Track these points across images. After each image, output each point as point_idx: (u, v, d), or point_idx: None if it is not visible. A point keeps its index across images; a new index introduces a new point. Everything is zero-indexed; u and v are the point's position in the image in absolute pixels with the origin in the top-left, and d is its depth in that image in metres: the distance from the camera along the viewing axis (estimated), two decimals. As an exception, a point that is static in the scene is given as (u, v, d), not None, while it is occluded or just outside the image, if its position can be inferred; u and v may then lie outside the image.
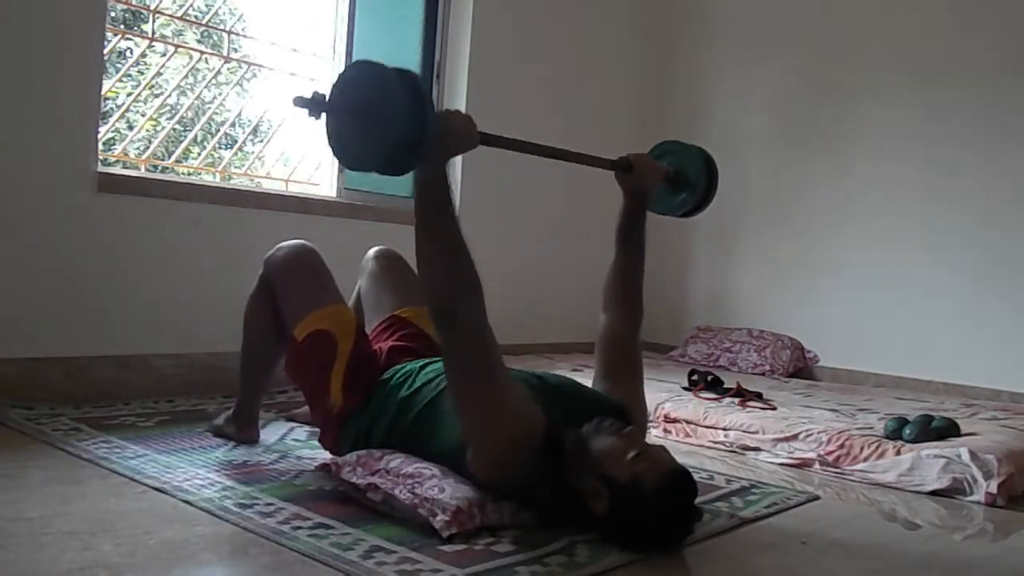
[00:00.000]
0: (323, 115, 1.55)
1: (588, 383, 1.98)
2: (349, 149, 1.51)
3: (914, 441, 2.43)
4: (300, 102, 1.57)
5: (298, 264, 2.09)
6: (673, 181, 2.09)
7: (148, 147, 3.18)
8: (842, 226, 4.14)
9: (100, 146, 2.84)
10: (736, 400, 3.01)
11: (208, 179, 3.25)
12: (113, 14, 3.06)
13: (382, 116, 1.41)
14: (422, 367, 1.91)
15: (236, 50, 3.42)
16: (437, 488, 1.64)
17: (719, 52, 4.61)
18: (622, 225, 2.06)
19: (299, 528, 1.59)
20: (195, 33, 3.46)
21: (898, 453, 2.39)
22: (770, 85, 4.42)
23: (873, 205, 4.04)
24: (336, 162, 3.48)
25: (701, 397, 3.07)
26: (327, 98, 1.53)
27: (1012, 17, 3.71)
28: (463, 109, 3.75)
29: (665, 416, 2.85)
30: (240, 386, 2.23)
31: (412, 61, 3.81)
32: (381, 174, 1.54)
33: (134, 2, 3.11)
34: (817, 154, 4.23)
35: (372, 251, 2.35)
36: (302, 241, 2.15)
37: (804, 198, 4.27)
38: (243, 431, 2.22)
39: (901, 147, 3.98)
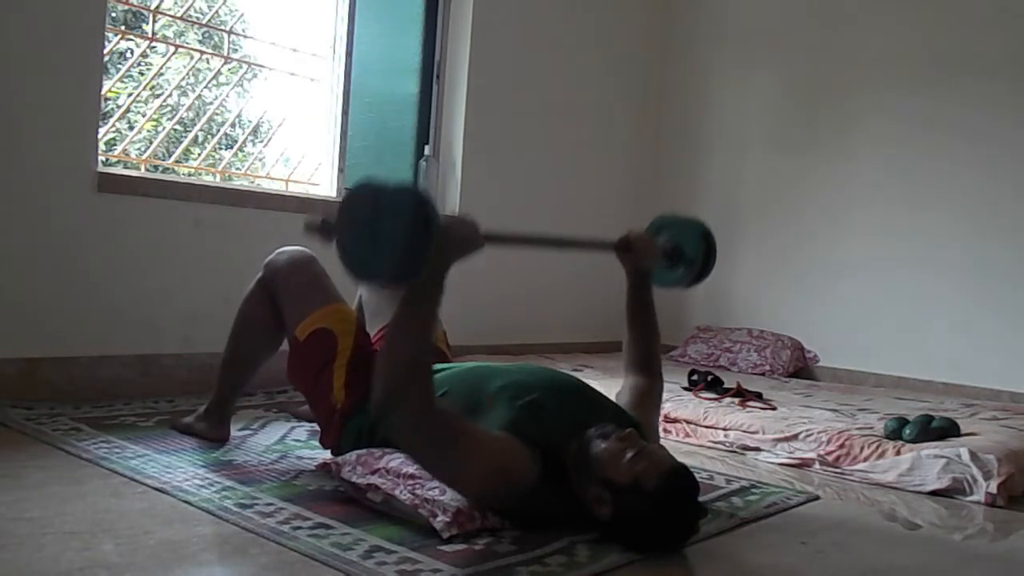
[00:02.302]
0: (334, 239, 1.59)
1: (588, 383, 1.98)
2: (360, 266, 1.56)
3: (914, 441, 2.43)
4: (312, 228, 1.63)
5: (300, 267, 2.10)
6: (671, 256, 2.14)
7: (149, 147, 3.18)
8: (842, 226, 4.14)
9: (102, 146, 2.84)
10: (736, 400, 3.01)
11: (208, 179, 3.25)
12: (114, 15, 3.06)
13: (389, 234, 1.47)
14: None
15: (236, 50, 3.42)
16: (438, 489, 1.64)
17: (719, 53, 4.61)
18: (630, 302, 2.11)
19: (299, 528, 1.59)
20: (197, 34, 3.46)
21: (898, 453, 2.39)
22: (770, 87, 4.42)
23: (873, 205, 4.05)
24: (336, 163, 3.49)
25: (701, 397, 3.07)
26: (335, 220, 1.58)
27: (1010, 21, 3.71)
28: (463, 109, 3.78)
29: (665, 416, 2.85)
30: (218, 384, 2.24)
31: (412, 61, 3.82)
32: (392, 283, 1.56)
33: (135, 2, 3.11)
34: (817, 155, 4.24)
35: None
36: (303, 248, 2.17)
37: (804, 199, 4.27)
38: (215, 429, 2.23)
39: (901, 148, 3.98)
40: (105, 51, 2.76)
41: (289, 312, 2.05)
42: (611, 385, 2.75)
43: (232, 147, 3.51)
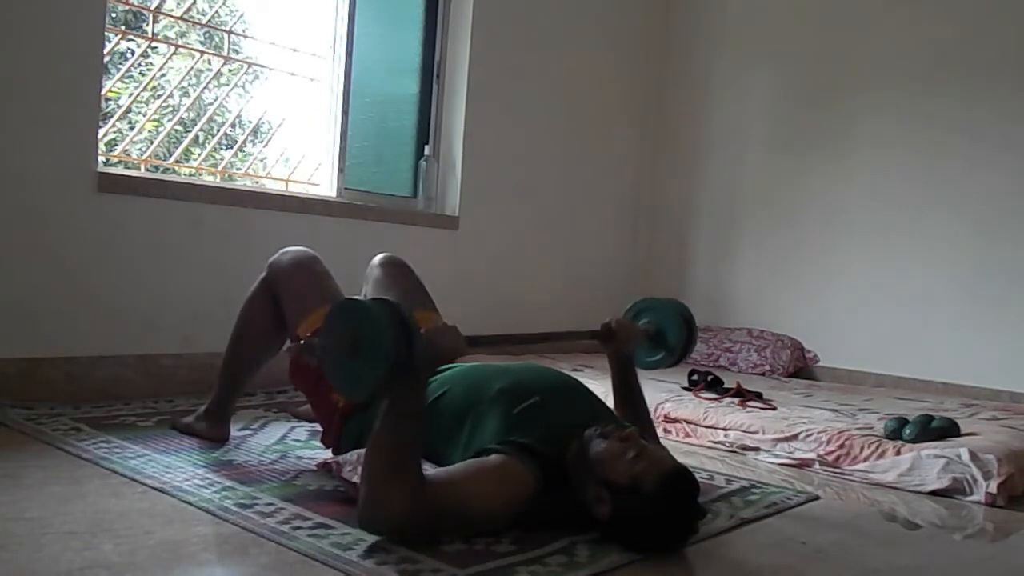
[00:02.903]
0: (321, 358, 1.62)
1: (588, 384, 1.98)
2: (345, 384, 1.59)
3: (914, 441, 2.43)
4: (295, 351, 1.83)
5: (302, 267, 2.10)
6: (652, 339, 2.21)
7: (150, 147, 3.18)
8: (842, 226, 4.14)
9: (102, 146, 2.84)
10: (736, 400, 3.01)
11: (208, 179, 3.25)
12: (114, 15, 3.06)
13: (371, 357, 1.50)
14: None
15: (236, 51, 3.42)
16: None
17: (719, 53, 4.61)
18: (616, 385, 2.16)
19: (299, 528, 1.59)
20: (198, 35, 3.46)
21: (898, 453, 2.38)
22: (769, 87, 4.42)
23: (873, 205, 4.04)
24: (336, 163, 3.49)
25: (701, 397, 3.07)
26: (319, 344, 1.62)
27: (1010, 22, 3.71)
28: (463, 109, 3.78)
29: (665, 416, 2.85)
30: (219, 383, 2.24)
31: (412, 61, 3.82)
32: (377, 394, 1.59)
33: (135, 2, 3.11)
34: (816, 155, 4.23)
35: (377, 258, 2.36)
36: (306, 248, 2.17)
37: (804, 199, 4.27)
38: (214, 428, 2.23)
39: (900, 148, 3.98)
40: (105, 51, 2.76)
41: (291, 311, 2.06)
42: (611, 385, 2.75)
43: (232, 147, 3.51)
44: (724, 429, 2.72)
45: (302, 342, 1.72)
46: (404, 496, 1.48)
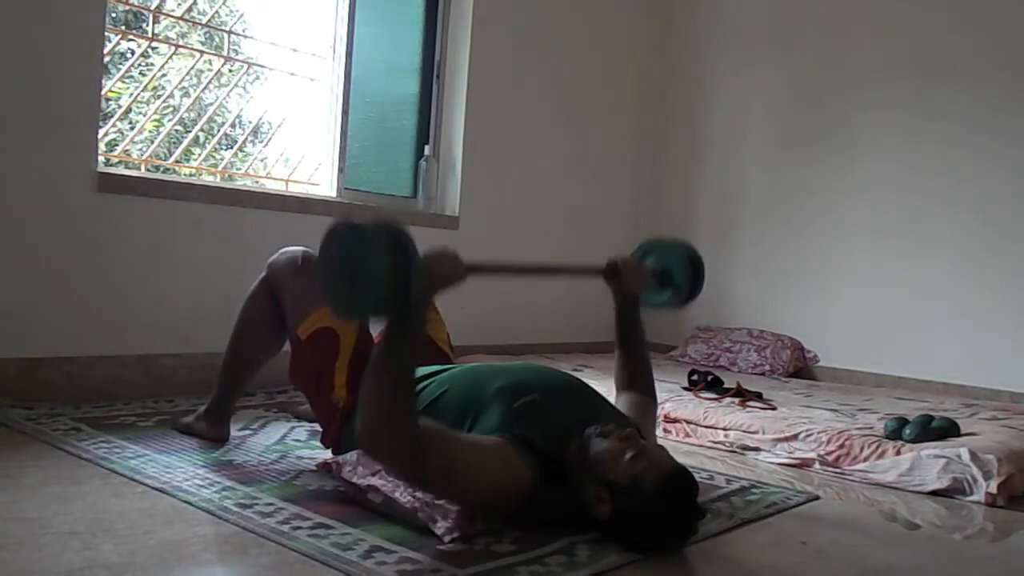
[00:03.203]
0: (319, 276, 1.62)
1: (588, 384, 1.98)
2: (342, 305, 1.58)
3: (914, 441, 2.43)
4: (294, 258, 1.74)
5: (303, 267, 2.10)
6: (659, 279, 2.16)
7: (150, 147, 3.18)
8: (842, 226, 4.14)
9: (103, 146, 2.84)
10: (736, 400, 3.01)
11: (208, 179, 3.25)
12: (114, 15, 3.06)
13: (368, 274, 1.48)
14: (428, 373, 1.91)
15: (236, 51, 3.41)
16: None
17: (719, 54, 4.61)
18: (619, 325, 2.14)
19: (299, 528, 1.59)
20: (199, 35, 3.46)
21: (898, 453, 2.38)
22: (769, 87, 4.42)
23: (873, 205, 4.05)
24: (336, 163, 3.49)
25: (701, 397, 3.07)
26: (315, 260, 1.62)
27: (1008, 19, 3.71)
28: (463, 109, 3.78)
29: (665, 416, 2.85)
30: (219, 383, 2.24)
31: (412, 61, 3.82)
32: (373, 319, 1.58)
33: (135, 3, 3.11)
34: (816, 155, 4.24)
35: None
36: (306, 247, 2.17)
37: (804, 198, 4.27)
38: (215, 428, 2.23)
39: (900, 148, 3.98)
40: (105, 51, 2.76)
41: (291, 311, 2.06)
42: (611, 385, 2.75)
43: (232, 147, 3.51)
44: (724, 429, 2.72)
45: (302, 258, 1.66)
46: (400, 437, 1.48)
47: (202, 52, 3.37)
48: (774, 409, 2.92)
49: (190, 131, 3.33)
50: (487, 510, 1.62)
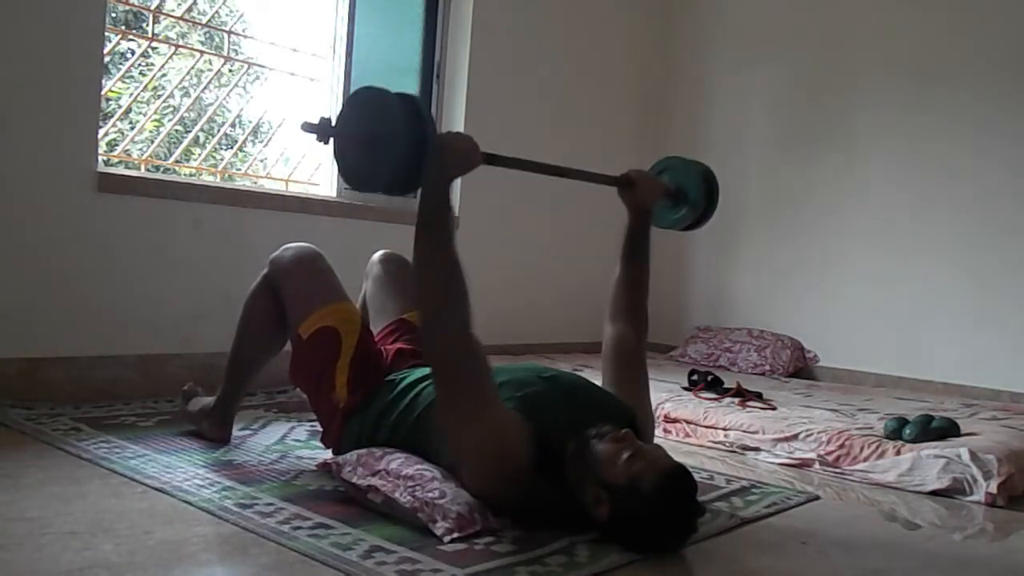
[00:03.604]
0: (330, 139, 1.62)
1: (591, 381, 1.98)
2: (354, 171, 1.59)
3: (914, 441, 2.43)
4: (308, 127, 1.67)
5: (305, 264, 2.09)
6: (673, 197, 2.15)
7: (150, 147, 3.18)
8: (842, 226, 4.14)
9: (103, 146, 2.84)
10: (736, 400, 3.01)
11: (208, 179, 3.25)
12: (114, 15, 3.06)
13: (384, 140, 1.48)
14: (430, 373, 1.91)
15: (236, 51, 3.42)
16: (438, 492, 1.64)
17: (719, 54, 4.61)
18: (627, 240, 2.12)
19: (299, 528, 1.59)
20: (200, 35, 3.46)
21: (898, 453, 2.38)
22: (770, 87, 4.42)
23: (872, 205, 4.05)
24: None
25: (701, 397, 3.07)
26: (332, 123, 1.60)
27: (1008, 19, 3.71)
28: (463, 109, 3.78)
29: (665, 416, 2.85)
30: (224, 384, 2.23)
31: (412, 61, 3.82)
32: (387, 194, 1.58)
33: (136, 2, 3.11)
34: (817, 155, 4.24)
35: (377, 255, 2.36)
36: (309, 244, 2.17)
37: (804, 198, 4.27)
38: (218, 429, 2.23)
39: (900, 148, 3.98)
40: (105, 51, 2.76)
41: (293, 310, 2.05)
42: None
43: (232, 147, 3.51)
44: (724, 429, 2.72)
45: (319, 121, 1.67)
46: (455, 325, 1.60)
47: (202, 52, 3.37)
48: (774, 409, 2.92)
49: (190, 131, 3.33)
50: (484, 476, 1.63)
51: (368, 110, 1.53)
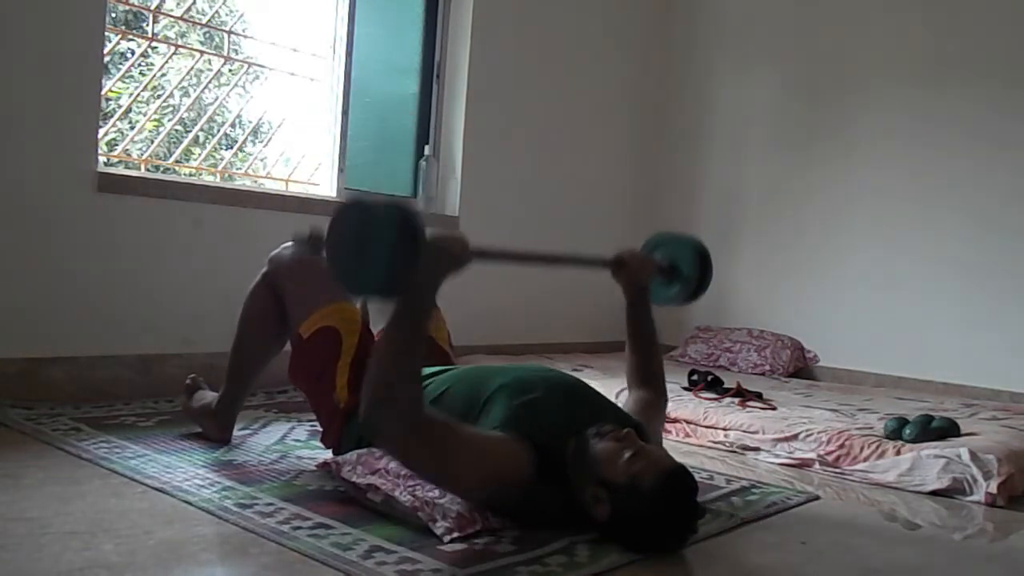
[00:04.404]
0: (322, 251, 1.64)
1: (589, 383, 1.98)
2: (347, 279, 1.60)
3: (914, 441, 2.43)
4: (300, 240, 1.74)
5: (306, 263, 2.09)
6: (667, 273, 2.17)
7: (150, 147, 3.18)
8: (842, 226, 4.14)
9: (103, 146, 2.84)
10: (736, 400, 3.01)
11: (208, 179, 3.25)
12: (114, 15, 3.06)
13: (376, 250, 1.51)
14: (429, 373, 1.91)
15: (236, 51, 3.41)
16: (438, 491, 1.64)
17: (719, 53, 4.61)
18: (629, 319, 2.13)
19: (299, 528, 1.59)
20: (199, 35, 3.46)
21: (898, 453, 2.38)
22: (770, 86, 4.42)
23: (873, 205, 4.04)
24: (336, 163, 3.49)
25: (701, 397, 3.07)
26: (324, 236, 1.63)
27: (1009, 19, 3.71)
28: (463, 109, 3.78)
29: (665, 416, 2.85)
30: (225, 384, 2.22)
31: (412, 61, 3.82)
32: (380, 299, 1.60)
33: (135, 2, 3.11)
34: (817, 155, 4.23)
35: None
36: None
37: (804, 199, 4.27)
38: (218, 430, 2.23)
39: (900, 148, 3.98)
40: (105, 51, 2.76)
41: (294, 309, 2.05)
42: (611, 385, 2.76)
43: (232, 147, 3.51)
44: (724, 429, 2.72)
45: (310, 235, 1.71)
46: (403, 411, 1.49)
47: (202, 52, 3.37)
48: (774, 409, 2.91)
49: (190, 131, 3.33)
50: (485, 501, 1.62)
51: (357, 221, 1.56)
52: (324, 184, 3.50)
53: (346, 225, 1.56)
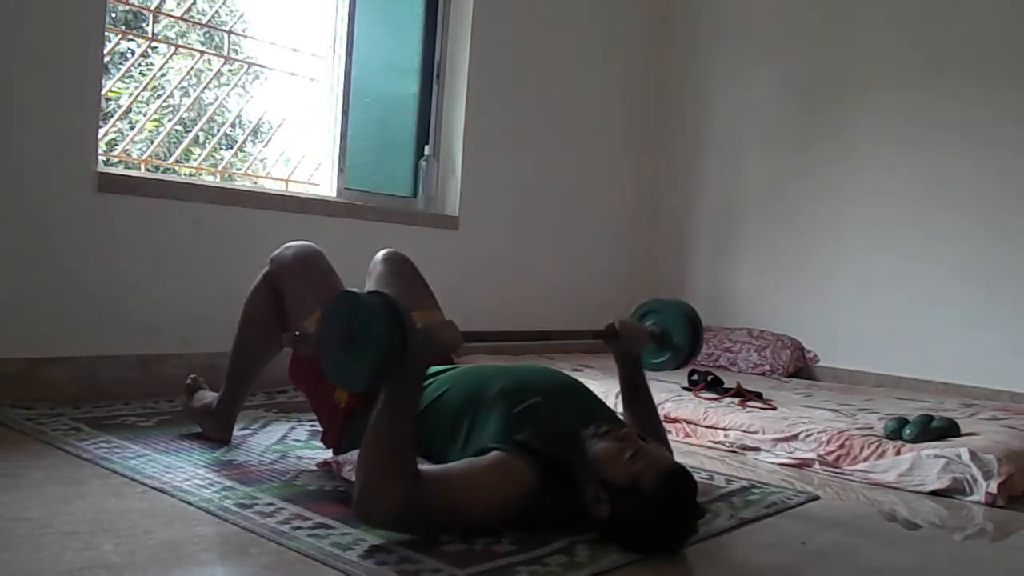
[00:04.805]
0: (315, 347, 1.67)
1: (589, 384, 1.98)
2: (340, 374, 1.62)
3: (914, 441, 2.43)
4: (289, 341, 1.81)
5: (306, 262, 2.09)
6: (658, 340, 2.19)
7: (150, 147, 3.18)
8: (842, 226, 4.14)
9: (103, 146, 2.84)
10: (736, 400, 3.01)
11: (208, 179, 3.25)
12: (114, 15, 3.06)
13: (365, 348, 1.54)
14: (430, 373, 1.91)
15: (236, 51, 3.42)
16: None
17: (719, 53, 4.61)
18: (623, 387, 2.13)
19: (299, 528, 1.59)
20: (199, 35, 3.46)
21: (898, 453, 2.39)
22: (770, 87, 4.42)
23: (873, 205, 4.04)
24: (336, 163, 3.49)
25: (701, 397, 3.07)
26: (314, 334, 1.67)
27: (1008, 20, 3.71)
28: (463, 109, 3.78)
29: (665, 416, 2.85)
30: (226, 384, 2.22)
31: (412, 61, 3.82)
32: (371, 387, 1.63)
33: (135, 2, 3.11)
34: (816, 155, 4.23)
35: (380, 254, 2.35)
36: (310, 243, 2.16)
37: (804, 199, 4.27)
38: (218, 430, 2.23)
39: (900, 148, 3.98)
40: (105, 51, 2.76)
41: (294, 309, 2.04)
42: (611, 385, 2.76)
43: (232, 147, 3.51)
44: (724, 429, 2.72)
45: (296, 333, 1.79)
46: (399, 488, 1.49)
47: (202, 52, 3.37)
48: (774, 409, 2.92)
49: (190, 131, 3.33)
50: (497, 524, 1.61)
51: (345, 317, 1.58)
52: (324, 184, 3.50)
53: (333, 324, 1.59)
